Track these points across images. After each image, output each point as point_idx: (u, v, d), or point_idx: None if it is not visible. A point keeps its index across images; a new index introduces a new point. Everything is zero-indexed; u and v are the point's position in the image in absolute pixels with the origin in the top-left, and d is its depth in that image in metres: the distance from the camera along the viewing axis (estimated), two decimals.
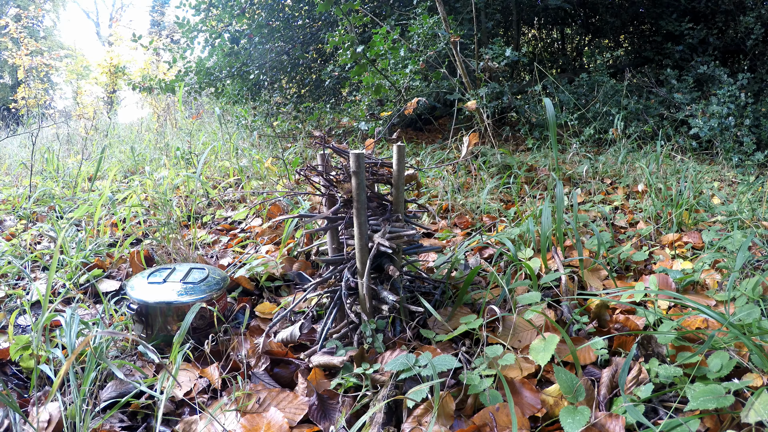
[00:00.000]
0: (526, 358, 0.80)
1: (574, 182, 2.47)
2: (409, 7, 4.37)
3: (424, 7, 3.64)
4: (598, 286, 1.16)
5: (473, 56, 3.44)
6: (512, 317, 0.91)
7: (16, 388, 0.82)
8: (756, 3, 4.45)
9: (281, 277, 1.23)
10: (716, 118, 3.48)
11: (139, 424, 0.74)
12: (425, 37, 3.27)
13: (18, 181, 2.68)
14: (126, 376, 0.79)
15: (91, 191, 2.26)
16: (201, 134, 3.72)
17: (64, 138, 4.62)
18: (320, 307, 1.01)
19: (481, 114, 3.01)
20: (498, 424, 0.66)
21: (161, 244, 1.37)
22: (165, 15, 18.06)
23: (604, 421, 0.66)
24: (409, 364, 0.72)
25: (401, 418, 0.70)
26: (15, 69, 11.87)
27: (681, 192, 1.76)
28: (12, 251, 1.41)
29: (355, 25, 3.65)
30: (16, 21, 9.84)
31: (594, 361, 0.83)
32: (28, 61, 9.40)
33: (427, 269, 1.22)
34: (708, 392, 0.65)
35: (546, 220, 1.24)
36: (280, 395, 0.76)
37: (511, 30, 5.81)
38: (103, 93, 11.50)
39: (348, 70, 3.42)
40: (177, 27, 4.38)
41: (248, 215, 1.83)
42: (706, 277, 1.17)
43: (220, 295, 0.97)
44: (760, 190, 2.17)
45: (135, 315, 0.93)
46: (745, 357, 0.77)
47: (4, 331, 1.00)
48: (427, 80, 3.65)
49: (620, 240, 1.53)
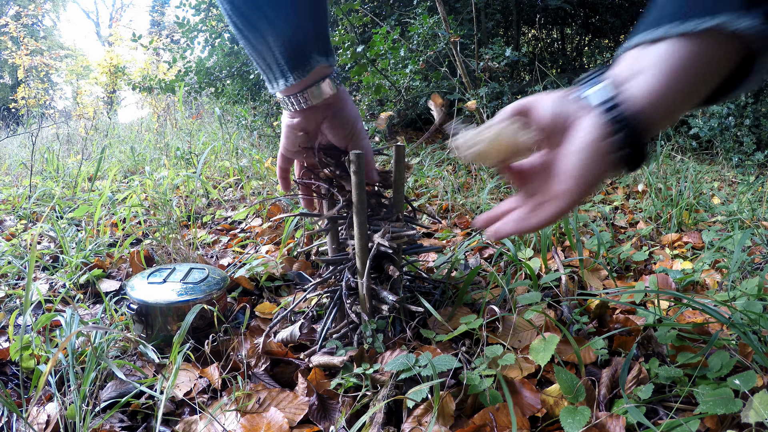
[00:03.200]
0: (526, 358, 0.80)
1: None
2: (409, 7, 4.37)
3: (424, 7, 3.64)
4: (598, 286, 1.16)
5: (473, 56, 3.44)
6: (512, 317, 0.91)
7: (16, 389, 0.82)
8: None
9: (281, 277, 1.23)
10: (716, 118, 3.48)
11: (139, 424, 0.74)
12: (425, 37, 3.27)
13: (18, 181, 2.69)
14: (126, 376, 0.79)
15: (91, 191, 2.26)
16: (201, 134, 3.72)
17: (64, 138, 4.62)
18: (320, 307, 1.01)
19: (481, 114, 3.01)
20: (498, 424, 0.66)
21: (161, 244, 1.37)
22: (165, 15, 18.06)
23: (604, 422, 0.66)
24: (409, 364, 0.72)
25: (401, 418, 0.70)
26: (15, 69, 11.87)
27: (681, 192, 1.76)
28: (12, 251, 1.42)
29: (355, 25, 3.65)
30: (16, 20, 9.84)
31: (594, 361, 0.83)
32: (28, 61, 9.41)
33: (427, 269, 1.22)
34: (716, 395, 0.65)
35: None
36: (280, 395, 0.76)
37: (511, 30, 5.81)
38: (103, 93, 11.51)
39: (348, 70, 3.42)
40: (177, 27, 4.38)
41: (248, 215, 1.83)
42: (706, 277, 1.17)
43: (220, 295, 0.97)
44: (760, 190, 2.17)
45: (135, 315, 0.93)
46: (748, 357, 0.77)
47: (5, 331, 1.00)
48: (427, 80, 3.65)
49: (620, 240, 1.53)
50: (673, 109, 0.48)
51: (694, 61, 0.46)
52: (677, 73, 0.47)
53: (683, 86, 0.47)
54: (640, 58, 0.49)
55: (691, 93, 0.48)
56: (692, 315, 0.98)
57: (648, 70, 0.48)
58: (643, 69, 0.48)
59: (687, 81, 0.47)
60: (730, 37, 0.44)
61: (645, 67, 0.48)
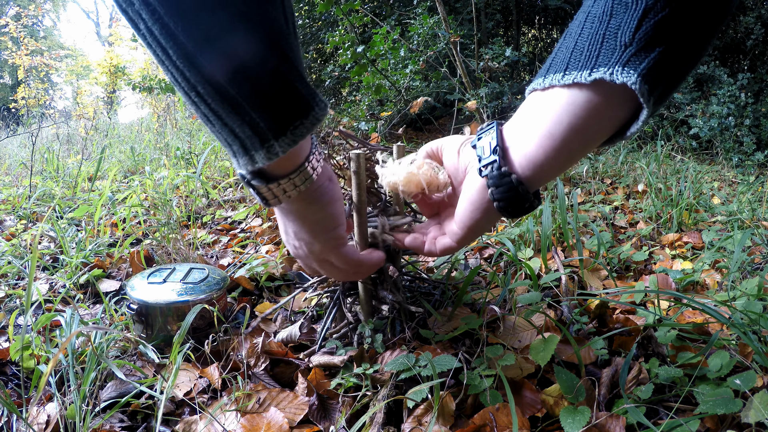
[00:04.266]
0: (526, 357, 0.80)
1: (574, 182, 2.47)
2: (409, 7, 4.37)
3: (424, 7, 3.64)
4: (598, 286, 1.16)
5: (473, 56, 3.44)
6: (512, 317, 0.91)
7: (16, 389, 0.82)
8: (756, 3, 4.46)
9: (281, 277, 1.23)
10: (716, 118, 3.48)
11: (139, 424, 0.74)
12: (425, 37, 3.27)
13: (18, 181, 2.69)
14: (126, 376, 0.79)
15: (91, 191, 2.26)
16: (201, 134, 3.72)
17: (64, 138, 4.62)
18: (320, 307, 1.01)
19: (481, 114, 3.01)
20: (498, 423, 0.66)
21: (161, 244, 1.37)
22: None
23: (604, 422, 0.66)
24: (409, 364, 0.72)
25: (401, 418, 0.70)
26: (15, 69, 11.87)
27: (681, 192, 1.76)
28: (12, 251, 1.42)
29: (355, 25, 3.65)
30: (16, 20, 9.85)
31: (594, 361, 0.83)
32: (28, 61, 9.41)
33: (427, 269, 1.22)
34: (716, 395, 0.65)
35: (546, 219, 1.24)
36: (280, 395, 0.76)
37: (511, 30, 5.82)
38: (103, 93, 11.52)
39: (348, 70, 3.42)
40: None
41: (248, 215, 1.83)
42: (706, 277, 1.17)
43: (220, 295, 0.97)
44: (760, 190, 2.17)
45: (135, 315, 0.93)
46: (748, 357, 0.77)
47: (5, 331, 1.00)
48: (427, 80, 3.65)
49: (620, 240, 1.53)
50: (553, 166, 0.51)
51: (574, 112, 0.47)
52: (557, 133, 0.49)
53: (562, 144, 0.49)
54: (531, 108, 0.51)
55: (573, 146, 0.49)
56: (692, 315, 0.98)
57: (531, 129, 0.51)
58: (527, 126, 0.51)
59: (566, 139, 0.49)
60: (616, 88, 0.45)
61: (530, 124, 0.51)
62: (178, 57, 0.42)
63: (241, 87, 0.43)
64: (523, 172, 0.52)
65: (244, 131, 0.45)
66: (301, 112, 0.46)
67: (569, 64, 0.47)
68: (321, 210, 0.58)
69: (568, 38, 0.49)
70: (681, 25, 0.42)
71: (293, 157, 0.51)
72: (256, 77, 0.43)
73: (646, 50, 0.42)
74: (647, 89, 0.43)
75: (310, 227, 0.59)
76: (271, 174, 0.52)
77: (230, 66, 0.42)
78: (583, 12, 0.48)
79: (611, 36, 0.44)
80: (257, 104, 0.44)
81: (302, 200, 0.56)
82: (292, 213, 0.58)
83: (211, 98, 0.43)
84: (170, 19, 0.41)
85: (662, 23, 0.42)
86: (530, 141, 0.51)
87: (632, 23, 0.43)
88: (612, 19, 0.44)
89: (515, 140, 0.52)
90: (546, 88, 0.49)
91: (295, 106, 0.46)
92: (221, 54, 0.41)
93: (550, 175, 0.52)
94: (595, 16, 0.46)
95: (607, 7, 0.45)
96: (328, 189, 0.57)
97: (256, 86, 0.43)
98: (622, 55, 0.43)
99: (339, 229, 0.61)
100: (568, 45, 0.48)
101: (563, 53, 0.48)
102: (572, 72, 0.46)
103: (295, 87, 0.45)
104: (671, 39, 0.43)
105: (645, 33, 0.42)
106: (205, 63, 0.41)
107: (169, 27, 0.41)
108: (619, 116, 0.47)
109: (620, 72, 0.43)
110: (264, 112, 0.44)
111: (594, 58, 0.45)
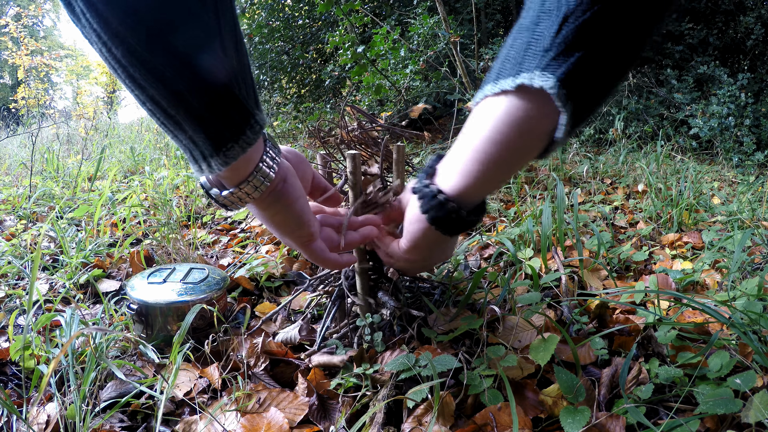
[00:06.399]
0: (525, 357, 0.80)
1: (574, 182, 2.47)
2: (409, 7, 4.37)
3: (424, 7, 3.64)
4: (598, 286, 1.16)
5: (473, 56, 3.44)
6: (512, 317, 0.91)
7: (16, 389, 0.82)
8: (756, 3, 4.46)
9: (281, 277, 1.23)
10: (716, 118, 3.48)
11: (139, 424, 0.74)
12: (425, 37, 3.27)
13: (18, 181, 2.68)
14: (126, 376, 0.79)
15: (91, 191, 2.26)
16: None
17: (64, 138, 4.62)
18: (320, 307, 1.01)
19: None
20: (498, 423, 0.66)
21: (161, 244, 1.37)
22: None
23: (604, 422, 0.66)
24: (409, 364, 0.72)
25: (401, 418, 0.70)
26: (15, 69, 11.87)
27: (681, 192, 1.76)
28: (12, 251, 1.41)
29: (355, 25, 3.66)
30: (17, 21, 9.85)
31: (594, 361, 0.83)
32: (28, 61, 9.41)
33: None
34: (716, 395, 0.65)
35: (546, 220, 1.24)
36: (280, 395, 0.76)
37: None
38: (103, 93, 11.52)
39: (348, 70, 3.42)
40: None
41: (248, 215, 1.83)
42: (706, 277, 1.17)
43: (220, 295, 0.97)
44: (760, 190, 2.17)
45: (135, 315, 0.93)
46: (748, 357, 0.77)
47: (5, 331, 1.00)
48: (428, 80, 3.65)
49: (620, 240, 1.53)
50: (478, 177, 0.53)
51: (506, 121, 0.48)
52: (480, 146, 0.50)
53: (485, 156, 0.51)
54: (466, 123, 0.53)
55: (497, 157, 0.50)
56: (692, 315, 0.98)
57: (458, 145, 0.54)
58: (457, 142, 0.54)
59: (488, 150, 0.50)
60: (536, 94, 0.45)
61: (459, 139, 0.54)
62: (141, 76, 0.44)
63: (177, 110, 0.45)
64: (445, 182, 0.56)
65: (188, 145, 0.48)
66: (232, 136, 0.47)
67: (500, 74, 0.47)
68: (281, 212, 0.58)
69: (503, 49, 0.49)
70: (604, 30, 0.42)
71: (240, 168, 0.51)
72: (189, 104, 0.45)
73: (566, 54, 0.42)
74: (564, 93, 0.43)
75: (276, 228, 0.61)
76: (224, 184, 0.54)
77: (167, 91, 0.44)
78: (517, 24, 0.49)
79: (534, 42, 0.44)
80: (191, 126, 0.46)
81: (260, 205, 0.57)
82: (257, 216, 0.60)
83: (159, 114, 0.46)
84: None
85: (583, 28, 0.42)
86: (456, 156, 0.54)
87: (553, 28, 0.43)
88: (537, 27, 0.45)
89: (448, 156, 0.56)
90: (479, 101, 0.51)
91: (227, 130, 0.47)
92: (159, 81, 0.43)
93: (480, 188, 0.54)
94: (524, 26, 0.47)
95: (534, 15, 0.45)
96: (284, 191, 0.56)
97: (189, 111, 0.45)
98: (542, 59, 0.43)
99: (304, 228, 0.60)
100: (501, 56, 0.49)
101: (497, 64, 0.49)
102: (500, 81, 0.47)
103: (226, 112, 0.47)
104: (593, 44, 0.42)
105: (564, 37, 0.42)
106: (148, 86, 0.44)
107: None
108: (545, 125, 0.47)
109: (539, 76, 0.43)
110: (197, 134, 0.47)
111: (518, 65, 0.45)
